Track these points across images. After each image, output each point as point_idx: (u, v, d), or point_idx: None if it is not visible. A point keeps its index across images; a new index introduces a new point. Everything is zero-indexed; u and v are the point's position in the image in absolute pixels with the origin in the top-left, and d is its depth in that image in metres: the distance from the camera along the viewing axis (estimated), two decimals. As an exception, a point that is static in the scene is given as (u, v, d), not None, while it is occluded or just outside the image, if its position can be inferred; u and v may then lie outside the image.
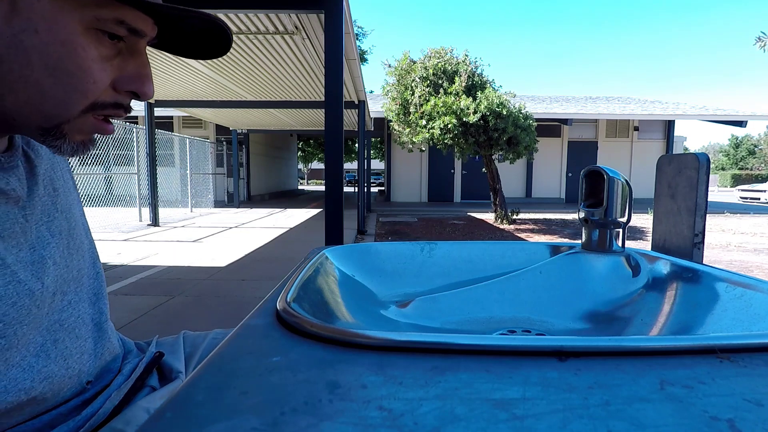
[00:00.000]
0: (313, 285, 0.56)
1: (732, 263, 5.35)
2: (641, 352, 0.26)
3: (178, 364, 0.72)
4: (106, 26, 0.46)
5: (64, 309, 0.55)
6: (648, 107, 16.07)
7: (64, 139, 0.49)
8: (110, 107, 0.50)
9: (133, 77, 0.50)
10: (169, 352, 0.73)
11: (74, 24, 0.45)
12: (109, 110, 0.50)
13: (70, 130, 0.49)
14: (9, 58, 0.44)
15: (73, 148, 0.50)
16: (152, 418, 0.19)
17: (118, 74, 0.49)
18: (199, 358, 0.75)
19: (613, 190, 0.67)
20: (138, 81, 0.50)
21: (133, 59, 0.50)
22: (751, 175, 43.42)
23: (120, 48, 0.49)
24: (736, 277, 0.50)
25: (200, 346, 0.78)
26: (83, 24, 0.45)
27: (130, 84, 0.50)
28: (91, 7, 0.45)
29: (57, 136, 0.48)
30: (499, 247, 0.79)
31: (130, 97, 0.51)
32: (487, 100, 7.77)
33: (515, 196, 15.94)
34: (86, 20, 0.45)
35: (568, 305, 0.64)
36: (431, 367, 0.24)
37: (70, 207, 0.62)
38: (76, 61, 0.45)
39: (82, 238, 0.62)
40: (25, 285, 0.49)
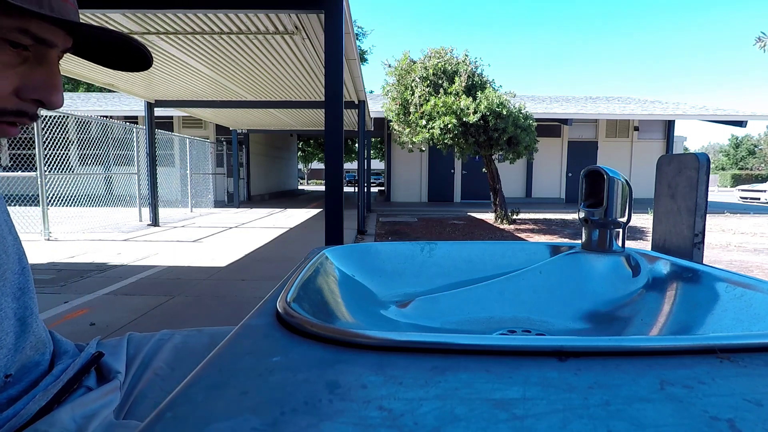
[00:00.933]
0: (313, 285, 0.56)
1: (732, 263, 5.35)
2: (641, 352, 0.26)
3: (118, 365, 0.70)
4: (8, 35, 0.45)
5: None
6: (648, 107, 16.07)
7: None
8: (11, 114, 0.50)
9: (40, 86, 0.50)
10: (110, 353, 0.71)
11: None
12: (9, 117, 0.50)
13: None
14: None
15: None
16: (152, 418, 0.19)
17: (22, 83, 0.49)
18: (142, 359, 0.73)
19: (613, 190, 0.67)
20: (44, 90, 0.50)
21: (41, 68, 0.50)
22: (751, 175, 43.41)
23: (26, 56, 0.49)
24: (736, 277, 0.50)
25: (144, 348, 0.75)
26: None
27: (36, 92, 0.50)
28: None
29: None
30: (499, 247, 0.79)
31: (35, 105, 0.51)
32: (487, 100, 7.76)
33: (515, 196, 15.94)
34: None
35: (568, 305, 0.64)
36: (431, 367, 0.24)
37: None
38: None
39: (5, 234, 0.61)
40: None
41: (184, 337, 0.77)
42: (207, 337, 0.78)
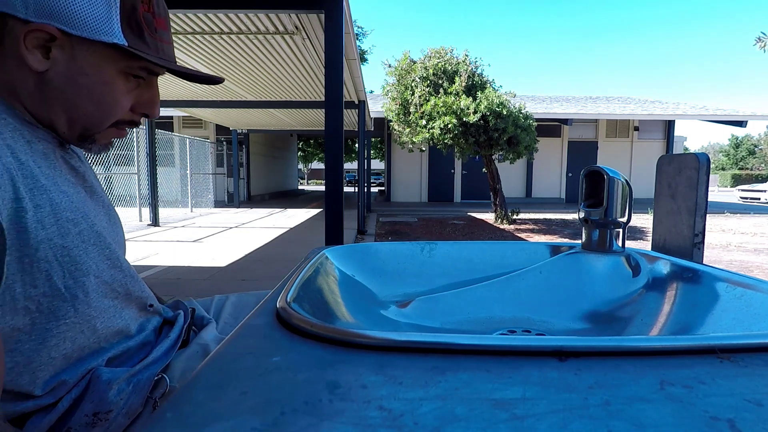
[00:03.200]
0: (313, 285, 0.56)
1: (732, 263, 5.35)
2: (641, 352, 0.26)
3: (205, 315, 0.90)
4: (134, 71, 0.66)
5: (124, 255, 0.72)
6: (648, 107, 16.07)
7: (94, 143, 0.69)
8: (127, 123, 0.70)
9: (146, 103, 0.69)
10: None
11: (113, 70, 0.64)
12: (125, 125, 0.70)
13: (99, 137, 0.68)
14: (68, 90, 0.63)
15: (99, 149, 0.70)
16: (152, 418, 0.19)
17: (136, 101, 0.68)
18: (212, 314, 0.94)
19: (613, 190, 0.67)
20: (148, 106, 0.70)
21: (147, 90, 0.69)
22: (751, 175, 43.41)
23: (139, 83, 0.68)
24: (736, 277, 0.50)
25: (210, 306, 0.97)
26: (118, 70, 0.64)
27: (143, 108, 0.70)
28: (126, 61, 0.64)
29: (90, 141, 0.68)
30: (499, 247, 0.79)
31: (141, 116, 0.71)
32: (487, 100, 7.76)
33: (515, 196, 15.94)
34: (120, 68, 0.64)
35: (568, 305, 0.64)
36: (431, 367, 0.24)
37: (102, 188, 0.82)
38: (111, 95, 0.65)
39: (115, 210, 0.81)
40: (110, 229, 0.70)
41: (237, 297, 1.01)
42: (253, 297, 1.01)
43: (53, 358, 0.59)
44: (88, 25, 0.60)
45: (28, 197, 0.56)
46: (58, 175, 0.63)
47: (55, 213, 0.59)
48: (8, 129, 0.59)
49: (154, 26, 0.65)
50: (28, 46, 0.60)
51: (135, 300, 0.71)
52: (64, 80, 0.62)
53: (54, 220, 0.58)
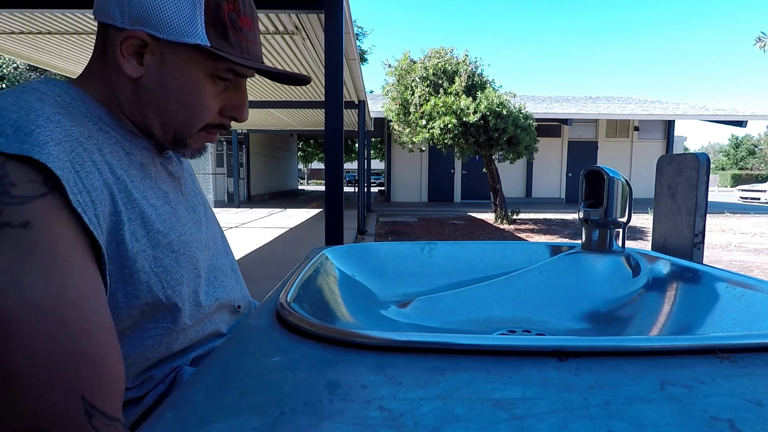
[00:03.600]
0: (313, 285, 0.56)
1: (732, 263, 5.35)
2: (641, 352, 0.26)
3: None
4: (220, 73, 0.65)
5: (213, 257, 0.74)
6: (648, 107, 16.07)
7: (186, 147, 0.69)
8: (216, 127, 0.70)
9: (234, 107, 0.69)
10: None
11: (199, 73, 0.64)
12: (215, 129, 0.70)
13: (190, 142, 0.69)
14: (159, 95, 0.64)
15: (191, 153, 0.71)
16: (153, 418, 0.19)
17: (224, 104, 0.68)
18: None
19: (613, 190, 0.67)
20: (237, 109, 0.69)
21: (236, 93, 0.69)
22: (751, 175, 43.40)
23: (227, 85, 0.67)
24: (736, 277, 0.50)
25: None
26: (204, 72, 0.64)
27: (232, 111, 0.69)
28: (211, 62, 0.63)
29: (182, 145, 0.69)
30: (499, 247, 0.79)
31: (230, 120, 0.70)
32: (487, 100, 7.76)
33: (515, 196, 15.94)
34: (206, 70, 0.64)
35: (568, 305, 0.64)
36: (431, 367, 0.24)
37: (199, 188, 0.84)
38: (198, 98, 0.65)
39: (212, 211, 0.82)
40: (196, 236, 0.70)
41: None
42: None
43: (147, 358, 0.62)
44: (174, 28, 0.60)
45: (124, 210, 0.58)
46: (149, 188, 0.65)
47: (145, 225, 0.60)
48: (110, 142, 0.61)
49: (239, 25, 0.64)
50: (124, 54, 0.61)
51: (225, 306, 0.73)
52: (156, 85, 0.63)
53: (144, 232, 0.60)
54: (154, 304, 0.60)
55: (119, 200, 0.57)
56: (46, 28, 4.49)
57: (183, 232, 0.66)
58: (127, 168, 0.62)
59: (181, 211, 0.69)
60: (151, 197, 0.64)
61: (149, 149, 0.68)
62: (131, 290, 0.58)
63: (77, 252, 0.50)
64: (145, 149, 0.67)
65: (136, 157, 0.65)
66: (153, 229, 0.61)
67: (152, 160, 0.68)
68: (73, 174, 0.52)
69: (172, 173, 0.72)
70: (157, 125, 0.66)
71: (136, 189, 0.61)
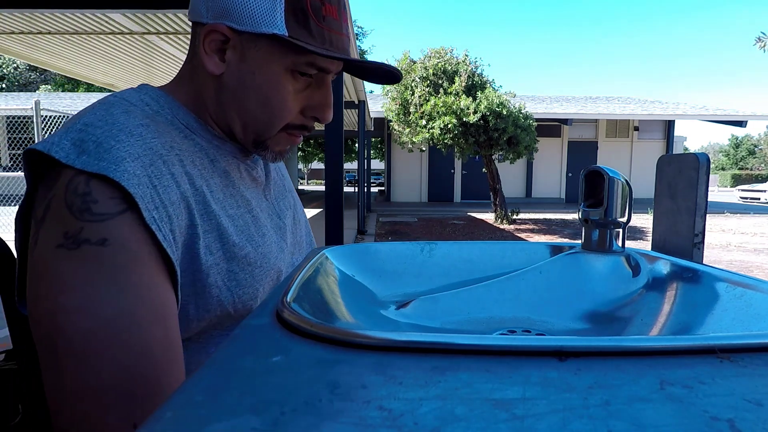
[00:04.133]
0: (313, 285, 0.56)
1: (732, 263, 5.35)
2: (641, 352, 0.26)
3: None
4: (300, 68, 0.60)
5: (297, 261, 0.73)
6: (648, 107, 16.07)
7: (267, 149, 0.66)
8: (297, 128, 0.65)
9: (317, 106, 0.64)
10: None
11: (278, 68, 0.59)
12: (296, 131, 0.65)
13: (271, 144, 0.65)
14: (238, 93, 0.61)
15: (273, 156, 0.67)
16: (152, 418, 0.19)
17: (306, 103, 0.63)
18: None
19: (613, 190, 0.67)
20: (320, 109, 0.64)
21: (319, 91, 0.63)
22: (751, 175, 43.41)
23: (309, 82, 0.62)
24: (736, 277, 0.50)
25: None
26: (284, 67, 0.59)
27: (314, 111, 0.64)
28: (291, 56, 0.59)
29: (263, 147, 0.65)
30: (499, 247, 0.79)
31: (313, 121, 0.65)
32: (487, 100, 7.77)
33: (515, 196, 15.94)
34: (286, 65, 0.59)
35: (568, 305, 0.64)
36: (431, 367, 0.24)
37: (291, 188, 0.81)
38: (278, 95, 0.60)
39: (302, 212, 0.81)
40: (279, 244, 0.69)
41: None
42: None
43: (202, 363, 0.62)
44: (253, 19, 0.57)
45: (200, 223, 0.57)
46: (230, 196, 0.63)
47: (221, 238, 0.59)
48: (193, 150, 0.60)
49: (322, 14, 0.58)
50: (207, 50, 0.60)
51: None
52: (236, 82, 0.60)
53: (220, 245, 0.59)
54: (222, 315, 0.60)
55: (196, 213, 0.57)
56: (46, 28, 4.50)
57: (262, 243, 0.65)
58: (209, 177, 0.61)
59: (263, 218, 0.67)
60: (231, 207, 0.62)
61: (235, 155, 0.66)
62: (202, 303, 0.58)
63: (151, 270, 0.50)
64: (231, 155, 0.66)
65: (220, 164, 0.63)
66: (229, 242, 0.59)
67: (237, 166, 0.66)
68: (150, 189, 0.51)
69: (255, 178, 0.69)
70: (239, 126, 0.63)
71: (215, 200, 0.60)
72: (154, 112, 0.60)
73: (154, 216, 0.51)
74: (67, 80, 22.51)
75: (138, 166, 0.52)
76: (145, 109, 0.60)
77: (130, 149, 0.52)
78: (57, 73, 6.81)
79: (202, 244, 0.57)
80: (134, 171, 0.51)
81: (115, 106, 0.57)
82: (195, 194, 0.57)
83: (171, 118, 0.61)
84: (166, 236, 0.52)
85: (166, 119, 0.61)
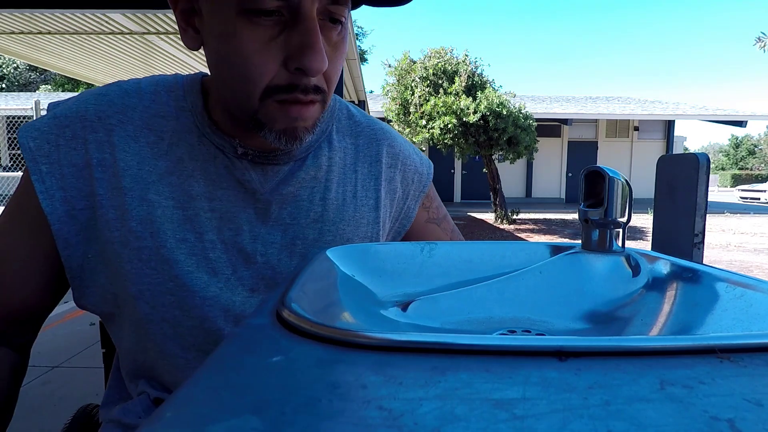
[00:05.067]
0: (313, 285, 0.56)
1: (732, 263, 5.35)
2: (641, 352, 0.26)
3: None
4: (253, 4, 0.44)
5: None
6: (648, 107, 16.07)
7: (265, 128, 0.50)
8: (284, 90, 0.48)
9: (295, 51, 0.46)
10: None
11: (229, 13, 0.45)
12: (283, 94, 0.48)
13: (266, 120, 0.50)
14: (211, 64, 0.51)
15: (278, 137, 0.51)
16: (152, 418, 0.19)
17: (285, 52, 0.47)
18: None
19: (613, 190, 0.67)
20: (299, 53, 0.46)
21: (295, 30, 0.46)
22: (751, 175, 43.42)
23: (284, 22, 0.46)
24: (736, 277, 0.50)
25: None
26: (234, 10, 0.44)
27: (295, 61, 0.46)
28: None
29: (259, 126, 0.50)
30: (499, 247, 0.79)
31: (301, 76, 0.48)
32: (487, 100, 7.77)
33: (515, 196, 15.94)
34: (233, 5, 0.44)
35: (568, 305, 0.64)
36: (431, 367, 0.24)
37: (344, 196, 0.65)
38: (236, 50, 0.46)
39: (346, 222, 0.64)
40: (278, 259, 0.58)
41: None
42: None
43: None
44: None
45: (103, 193, 0.56)
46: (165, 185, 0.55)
47: (123, 218, 0.55)
48: (157, 128, 0.57)
49: None
50: (181, 25, 0.52)
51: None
52: (208, 52, 0.51)
53: (120, 224, 0.55)
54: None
55: (97, 182, 0.55)
56: (46, 28, 4.50)
57: (176, 246, 0.55)
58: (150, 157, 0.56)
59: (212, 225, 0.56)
60: (156, 193, 0.55)
61: (222, 148, 0.57)
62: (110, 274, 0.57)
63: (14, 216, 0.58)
64: (216, 147, 0.57)
65: (178, 151, 0.56)
66: (127, 226, 0.55)
67: (211, 159, 0.57)
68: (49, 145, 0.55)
69: (242, 182, 0.57)
70: (230, 107, 0.53)
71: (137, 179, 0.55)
72: (143, 90, 0.59)
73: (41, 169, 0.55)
74: (67, 80, 22.49)
75: (52, 124, 0.56)
76: (131, 86, 0.59)
77: (61, 110, 0.57)
78: (57, 73, 6.81)
79: (103, 216, 0.55)
80: (42, 127, 0.56)
81: (112, 83, 0.61)
82: (105, 164, 0.55)
83: (165, 100, 0.58)
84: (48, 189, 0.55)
85: (149, 92, 0.59)
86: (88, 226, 0.56)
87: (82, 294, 0.60)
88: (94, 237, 0.56)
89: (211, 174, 0.57)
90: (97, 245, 0.57)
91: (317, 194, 0.62)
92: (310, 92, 0.49)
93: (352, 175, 0.67)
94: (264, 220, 0.59)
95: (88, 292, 0.59)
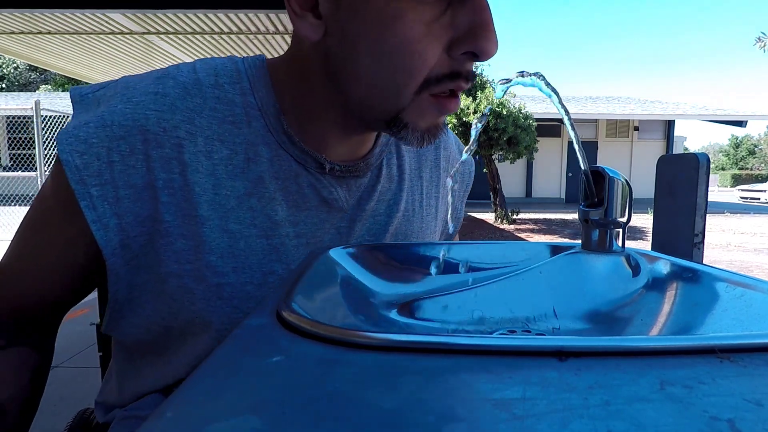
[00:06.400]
0: (313, 285, 0.56)
1: (732, 263, 5.35)
2: (641, 352, 0.26)
3: None
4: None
5: None
6: (648, 107, 16.07)
7: (407, 128, 0.44)
8: (446, 80, 0.41)
9: (468, 31, 0.39)
10: None
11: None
12: (445, 84, 0.42)
13: (410, 118, 0.43)
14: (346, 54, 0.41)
15: (419, 137, 0.45)
16: (152, 418, 0.19)
17: (452, 34, 0.40)
18: None
19: (613, 190, 0.67)
20: (474, 34, 0.39)
21: (463, 9, 0.40)
22: (751, 175, 43.41)
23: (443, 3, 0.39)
24: (736, 277, 0.50)
25: None
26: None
27: (468, 41, 0.40)
28: None
29: (399, 126, 0.44)
30: (499, 247, 0.79)
31: (471, 60, 0.42)
32: (487, 99, 7.77)
33: (515, 196, 15.94)
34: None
35: (567, 305, 0.64)
36: (431, 367, 0.24)
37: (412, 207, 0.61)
38: (394, 35, 0.39)
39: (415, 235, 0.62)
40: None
41: None
42: None
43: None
44: None
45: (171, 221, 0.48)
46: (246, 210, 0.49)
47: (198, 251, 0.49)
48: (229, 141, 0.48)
49: None
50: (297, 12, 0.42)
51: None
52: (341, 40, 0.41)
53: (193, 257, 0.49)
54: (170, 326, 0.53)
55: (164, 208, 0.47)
56: (46, 28, 4.50)
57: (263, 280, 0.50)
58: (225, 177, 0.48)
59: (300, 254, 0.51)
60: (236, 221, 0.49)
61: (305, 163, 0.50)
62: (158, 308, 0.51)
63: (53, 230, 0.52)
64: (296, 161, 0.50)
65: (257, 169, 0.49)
66: (203, 259, 0.48)
67: (293, 177, 0.50)
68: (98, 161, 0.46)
69: (327, 201, 0.52)
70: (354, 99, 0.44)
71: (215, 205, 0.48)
72: (203, 84, 0.48)
73: (91, 192, 0.45)
74: (67, 80, 22.50)
75: (102, 135, 0.45)
76: (189, 78, 0.48)
77: (111, 115, 0.45)
78: (57, 73, 6.81)
79: (169, 246, 0.48)
80: (90, 138, 0.45)
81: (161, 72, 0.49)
82: (174, 186, 0.47)
83: (231, 96, 0.48)
84: (102, 217, 0.46)
85: (210, 86, 0.48)
86: (140, 253, 0.48)
87: (116, 324, 0.52)
88: (145, 265, 0.48)
89: (293, 194, 0.51)
90: (147, 275, 0.49)
91: (392, 207, 0.59)
92: (471, 79, 0.43)
93: (418, 182, 0.62)
94: (347, 240, 0.54)
95: (125, 323, 0.52)
